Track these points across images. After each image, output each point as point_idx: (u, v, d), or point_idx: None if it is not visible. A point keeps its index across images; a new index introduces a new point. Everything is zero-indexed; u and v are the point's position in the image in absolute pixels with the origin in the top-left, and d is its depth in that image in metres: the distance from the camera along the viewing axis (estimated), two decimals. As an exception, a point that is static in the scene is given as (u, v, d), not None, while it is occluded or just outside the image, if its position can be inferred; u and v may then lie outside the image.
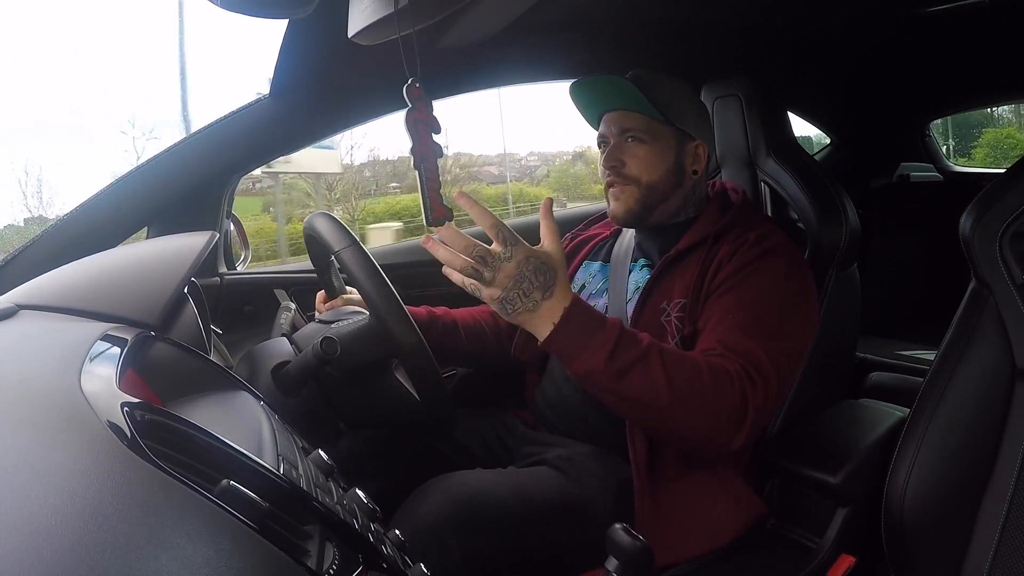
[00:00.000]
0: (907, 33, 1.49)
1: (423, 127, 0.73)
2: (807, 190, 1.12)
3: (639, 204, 1.00)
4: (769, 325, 0.84)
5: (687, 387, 0.76)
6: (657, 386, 0.75)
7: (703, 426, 0.77)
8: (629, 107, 1.00)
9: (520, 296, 0.74)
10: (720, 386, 0.77)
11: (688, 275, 0.94)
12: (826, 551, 0.92)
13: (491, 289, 0.73)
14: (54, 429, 0.34)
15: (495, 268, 0.73)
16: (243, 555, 0.30)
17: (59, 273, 0.71)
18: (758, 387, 0.79)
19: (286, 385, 0.82)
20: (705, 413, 0.76)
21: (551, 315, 0.75)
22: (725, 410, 0.77)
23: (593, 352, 0.75)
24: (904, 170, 2.18)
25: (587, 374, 0.76)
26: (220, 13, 0.66)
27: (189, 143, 1.12)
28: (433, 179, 0.74)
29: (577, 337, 0.76)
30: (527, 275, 0.74)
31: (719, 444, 0.78)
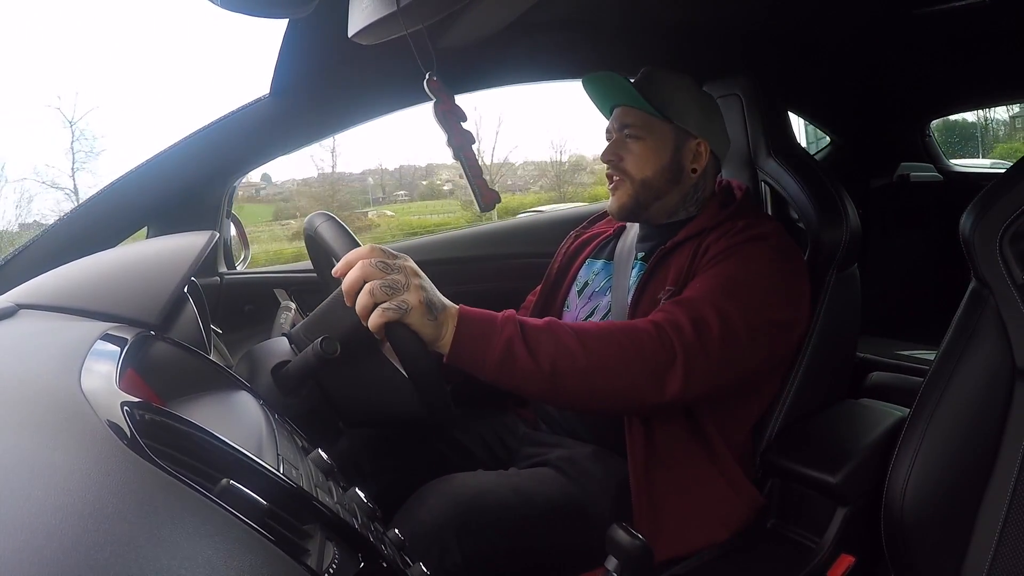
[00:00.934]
0: (907, 33, 1.49)
1: (451, 117, 0.73)
2: (807, 190, 1.12)
3: (632, 200, 1.01)
4: (730, 289, 0.85)
5: (599, 342, 0.76)
6: (571, 350, 0.75)
7: (628, 376, 0.77)
8: (629, 103, 1.01)
9: (433, 295, 0.73)
10: (634, 334, 0.78)
11: (680, 264, 0.95)
12: (826, 551, 0.92)
13: (410, 293, 0.70)
14: (54, 429, 0.34)
15: (400, 270, 0.71)
16: (243, 554, 0.30)
17: (59, 273, 0.71)
18: (685, 332, 0.79)
19: (286, 385, 0.81)
20: (625, 362, 0.76)
21: (452, 316, 0.74)
22: (646, 353, 0.77)
23: (501, 331, 0.74)
24: (904, 170, 2.18)
25: (504, 354, 0.74)
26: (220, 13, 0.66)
27: (189, 143, 1.12)
28: (474, 165, 0.74)
29: (481, 326, 0.74)
30: (433, 290, 0.73)
31: (651, 393, 0.78)
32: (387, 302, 0.69)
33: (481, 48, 1.10)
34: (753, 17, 1.30)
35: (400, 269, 0.71)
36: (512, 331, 0.74)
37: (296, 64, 1.07)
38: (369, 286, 0.69)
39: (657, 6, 1.21)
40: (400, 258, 0.73)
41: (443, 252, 1.49)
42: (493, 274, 1.47)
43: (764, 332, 0.86)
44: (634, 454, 0.90)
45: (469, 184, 0.74)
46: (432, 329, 0.72)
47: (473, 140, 0.74)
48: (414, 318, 0.70)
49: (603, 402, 0.79)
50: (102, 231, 1.07)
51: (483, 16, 0.98)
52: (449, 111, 0.73)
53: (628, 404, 0.82)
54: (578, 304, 1.08)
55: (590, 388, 0.76)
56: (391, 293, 0.69)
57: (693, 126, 1.01)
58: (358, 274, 0.70)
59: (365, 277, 0.70)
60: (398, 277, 0.70)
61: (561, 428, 1.04)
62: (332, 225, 0.89)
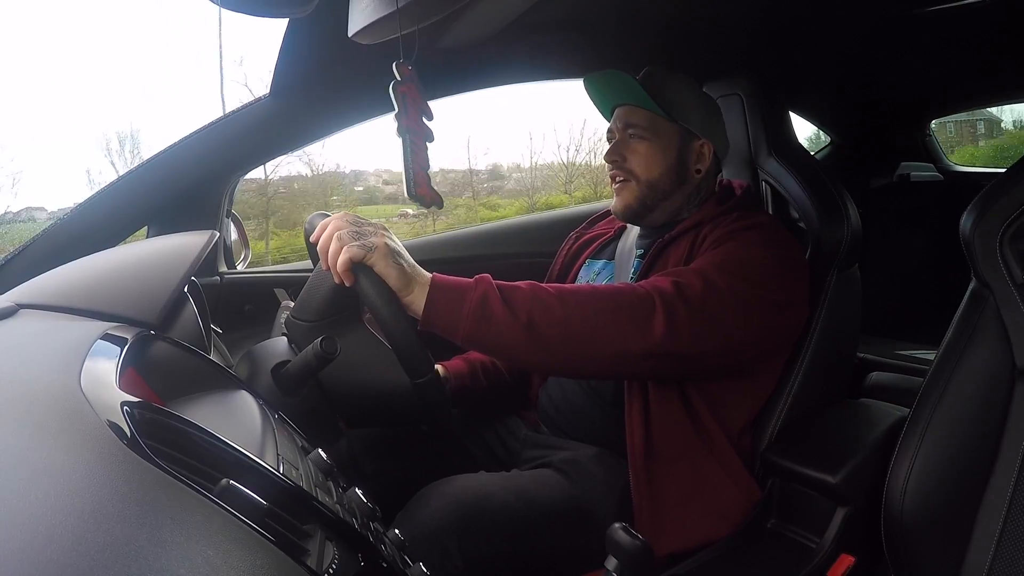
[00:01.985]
0: (908, 32, 1.49)
1: (412, 103, 0.73)
2: (808, 190, 1.12)
3: (638, 201, 1.01)
4: (718, 264, 0.85)
5: (576, 296, 0.77)
6: (548, 303, 0.75)
7: (608, 323, 0.76)
8: (633, 102, 1.01)
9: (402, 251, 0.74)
10: (612, 289, 0.79)
11: (678, 256, 0.95)
12: (826, 551, 0.92)
13: (376, 237, 0.72)
14: (54, 428, 0.34)
15: (370, 224, 0.74)
16: (243, 554, 0.30)
17: (59, 272, 0.71)
18: (666, 289, 0.79)
19: (286, 384, 0.81)
20: (605, 311, 0.77)
21: (423, 283, 0.75)
22: (624, 303, 0.78)
23: (476, 288, 0.75)
24: (904, 170, 2.18)
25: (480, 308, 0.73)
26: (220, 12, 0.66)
27: (189, 143, 1.12)
28: (421, 155, 0.73)
29: (454, 288, 0.75)
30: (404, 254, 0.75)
31: (634, 337, 0.77)
32: (353, 243, 0.71)
33: (481, 48, 1.10)
34: (754, 17, 1.30)
35: (370, 224, 0.74)
36: (487, 286, 0.75)
37: (296, 64, 1.07)
38: (337, 233, 0.72)
39: (657, 6, 1.20)
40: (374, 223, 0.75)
41: (443, 252, 1.49)
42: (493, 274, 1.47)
43: (752, 304, 0.84)
44: (633, 449, 0.90)
45: (404, 169, 0.73)
46: (398, 273, 0.72)
47: (431, 138, 0.74)
48: (378, 258, 0.71)
49: (586, 353, 0.77)
50: (102, 231, 1.07)
51: (483, 16, 0.98)
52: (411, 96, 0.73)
53: (613, 354, 0.78)
54: None
55: (569, 339, 0.75)
56: (357, 237, 0.72)
57: (697, 126, 1.01)
58: (329, 230, 0.73)
59: (335, 229, 0.73)
60: (367, 228, 0.74)
61: (562, 430, 1.04)
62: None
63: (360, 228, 0.74)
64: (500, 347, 0.76)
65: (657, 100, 0.98)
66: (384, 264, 0.72)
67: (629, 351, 0.77)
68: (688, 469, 0.90)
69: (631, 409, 0.91)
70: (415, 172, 0.73)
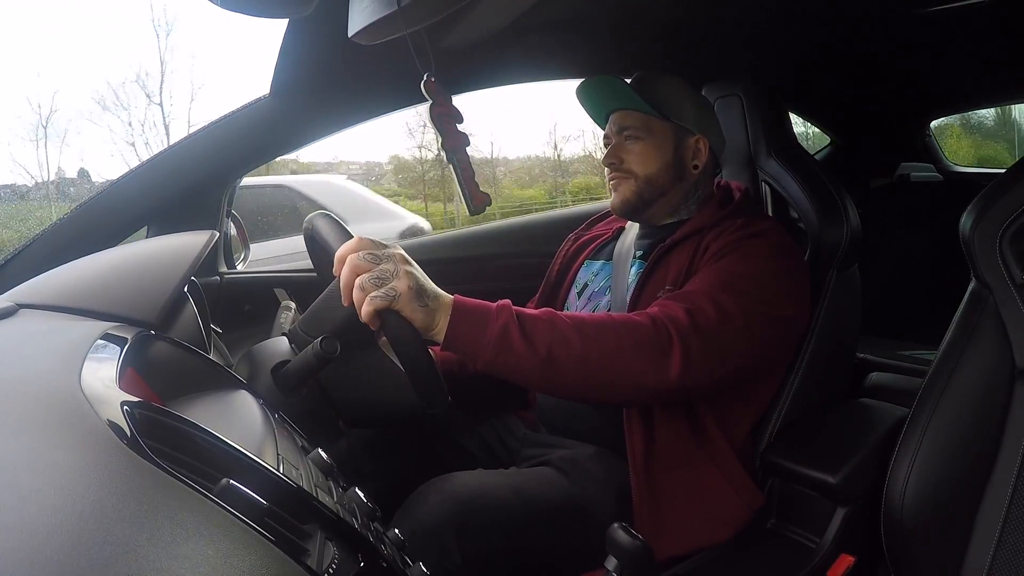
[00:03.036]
0: (907, 33, 1.49)
1: (447, 120, 0.73)
2: (808, 190, 1.12)
3: (636, 196, 1.01)
4: (728, 284, 0.85)
5: (595, 329, 0.76)
6: (567, 337, 0.74)
7: (626, 360, 0.76)
8: (626, 106, 1.02)
9: (424, 283, 0.71)
10: (630, 322, 0.78)
11: (680, 262, 0.95)
12: (826, 551, 0.92)
13: (398, 280, 0.69)
14: (54, 428, 0.34)
15: (388, 258, 0.70)
16: (243, 554, 0.30)
17: (59, 272, 0.71)
18: (680, 320, 0.79)
19: (286, 384, 0.81)
20: (622, 347, 0.76)
21: (446, 306, 0.73)
22: (642, 339, 0.77)
23: (497, 318, 0.73)
24: (904, 170, 2.18)
25: (500, 340, 0.73)
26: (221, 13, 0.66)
27: (189, 143, 1.12)
28: (467, 168, 0.73)
29: (476, 313, 0.74)
30: (424, 279, 0.72)
31: (650, 374, 0.77)
32: (375, 291, 0.69)
33: (481, 49, 1.10)
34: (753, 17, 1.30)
35: (389, 258, 0.71)
36: (507, 318, 0.74)
37: (296, 64, 1.07)
38: (358, 280, 0.69)
39: (657, 7, 1.20)
40: (389, 247, 0.72)
41: (443, 252, 1.49)
42: (493, 274, 1.47)
43: (761, 325, 0.85)
44: (634, 454, 0.90)
45: (459, 187, 0.73)
46: (423, 315, 0.71)
47: (468, 142, 0.74)
48: (403, 304, 0.69)
49: (602, 389, 0.78)
50: (102, 231, 1.07)
51: (483, 16, 0.98)
52: (445, 113, 0.73)
53: (628, 390, 0.79)
54: (578, 305, 1.09)
55: (587, 373, 0.76)
56: (380, 283, 0.69)
57: (691, 123, 1.02)
58: (349, 270, 0.70)
59: (355, 272, 0.70)
60: (387, 267, 0.70)
61: (561, 430, 1.04)
62: (332, 224, 0.89)
63: (380, 268, 0.70)
64: (518, 377, 0.76)
65: (649, 101, 1.00)
66: (410, 309, 0.70)
67: (645, 387, 0.78)
68: (689, 475, 0.90)
69: (631, 414, 0.91)
70: (468, 187, 0.73)
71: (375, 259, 0.70)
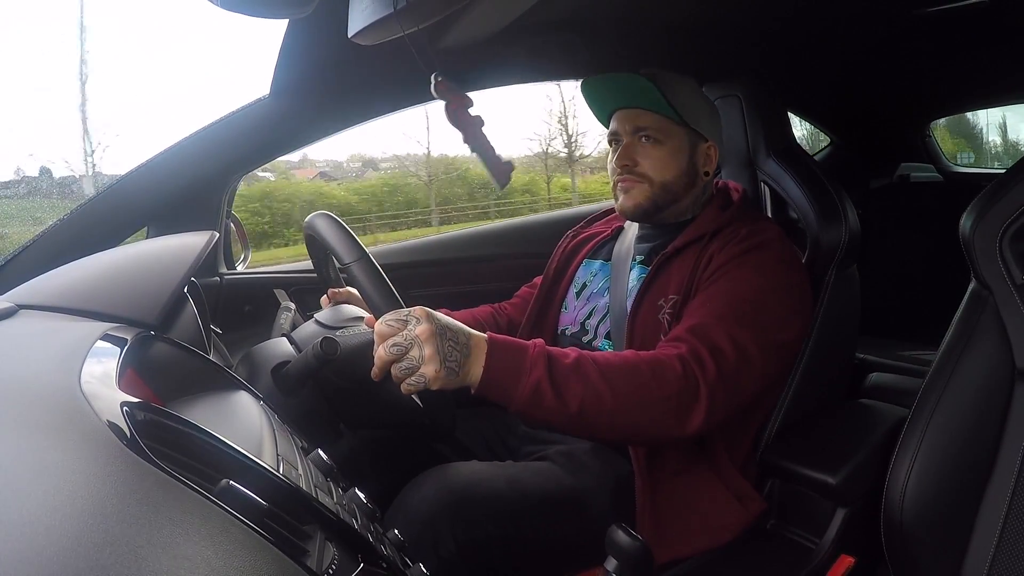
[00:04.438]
0: (907, 33, 1.49)
1: (463, 114, 0.74)
2: (807, 190, 1.12)
3: (650, 201, 1.00)
4: (743, 313, 0.85)
5: (626, 383, 0.76)
6: (599, 391, 0.75)
7: (653, 415, 0.77)
8: (645, 105, 0.99)
9: (453, 347, 0.72)
10: (660, 372, 0.77)
11: (683, 271, 0.94)
12: (826, 551, 0.92)
13: (426, 366, 0.70)
14: (54, 429, 0.34)
15: (413, 342, 0.70)
16: (243, 555, 0.30)
17: (59, 273, 0.71)
18: (708, 366, 0.79)
19: (286, 385, 0.81)
20: (651, 402, 0.76)
21: (479, 351, 0.73)
22: (670, 391, 0.77)
23: (530, 372, 0.73)
24: (904, 170, 2.18)
25: (532, 395, 0.73)
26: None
27: (189, 143, 1.12)
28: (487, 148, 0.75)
29: (510, 361, 0.74)
30: (440, 323, 0.72)
31: (674, 428, 0.78)
32: (408, 379, 0.71)
33: (481, 49, 1.10)
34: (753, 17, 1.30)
35: (413, 341, 0.70)
36: (540, 373, 0.74)
37: (296, 64, 1.07)
38: (392, 371, 0.71)
39: (657, 7, 1.21)
40: (411, 322, 0.71)
41: (443, 252, 1.49)
42: (491, 274, 1.47)
43: (776, 353, 0.87)
44: (638, 458, 0.90)
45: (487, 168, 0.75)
46: (457, 382, 0.72)
47: (482, 122, 0.75)
48: (436, 386, 0.71)
49: (627, 438, 0.82)
50: (102, 231, 1.07)
51: (483, 17, 0.98)
52: (459, 108, 0.73)
53: (650, 438, 0.83)
54: (576, 305, 1.08)
55: (615, 426, 0.77)
56: (409, 372, 0.71)
57: (705, 129, 1.01)
58: (381, 363, 0.72)
59: (388, 363, 0.71)
60: (413, 354, 0.70)
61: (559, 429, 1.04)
62: (332, 225, 0.89)
63: (408, 360, 0.70)
64: (549, 425, 0.78)
65: (669, 103, 0.97)
66: (443, 384, 0.71)
67: (668, 437, 0.81)
68: (691, 482, 0.90)
69: None
70: (496, 169, 0.75)
71: (401, 348, 0.70)
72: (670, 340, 0.84)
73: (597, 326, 1.03)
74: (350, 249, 0.85)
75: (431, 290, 1.38)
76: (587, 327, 1.05)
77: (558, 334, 1.09)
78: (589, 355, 0.77)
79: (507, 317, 1.19)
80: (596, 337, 1.03)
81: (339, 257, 0.86)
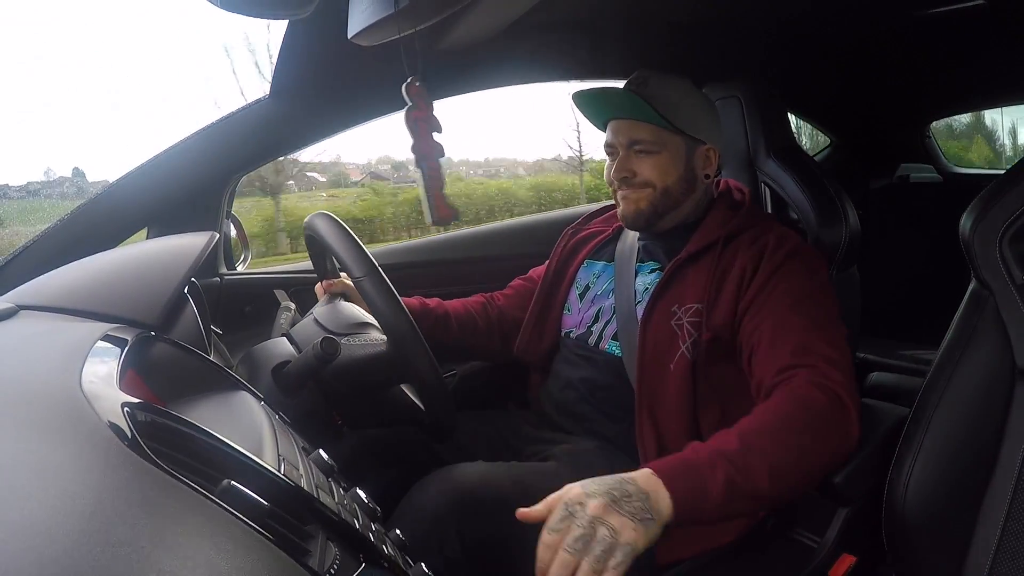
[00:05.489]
0: (907, 34, 1.49)
1: (423, 125, 0.72)
2: (807, 191, 1.12)
3: (650, 207, 0.99)
4: (819, 318, 0.86)
5: (789, 434, 0.74)
6: (778, 456, 0.72)
7: (827, 446, 0.77)
8: (635, 116, 0.98)
9: (629, 500, 0.63)
10: (807, 406, 0.77)
11: (701, 279, 0.93)
12: (827, 550, 0.92)
13: (625, 533, 0.60)
14: (54, 429, 0.34)
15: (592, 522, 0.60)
16: (244, 555, 0.30)
17: (59, 273, 0.71)
18: (834, 376, 0.80)
19: (286, 385, 0.81)
20: (820, 437, 0.76)
21: (656, 485, 0.66)
22: (826, 419, 0.77)
23: (714, 474, 0.69)
24: (904, 171, 2.18)
25: (728, 494, 0.68)
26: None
27: (189, 143, 1.12)
28: (436, 178, 0.72)
29: (690, 475, 0.68)
30: (609, 484, 0.64)
31: (845, 444, 0.79)
32: (614, 562, 0.59)
33: (482, 49, 1.10)
34: (753, 18, 1.31)
35: (593, 523, 0.60)
36: (723, 470, 0.69)
37: (296, 64, 1.07)
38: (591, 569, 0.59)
39: (657, 7, 1.21)
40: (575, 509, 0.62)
41: (443, 253, 1.49)
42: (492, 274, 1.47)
43: (849, 344, 0.88)
44: (645, 459, 0.89)
45: (424, 196, 0.72)
46: (657, 528, 0.64)
47: (442, 153, 0.72)
48: (645, 544, 0.62)
49: (816, 477, 0.78)
50: (102, 232, 1.07)
51: (484, 17, 0.98)
52: (423, 119, 0.72)
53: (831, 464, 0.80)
54: (580, 308, 1.08)
55: (804, 474, 0.75)
56: (609, 553, 0.59)
57: (702, 132, 1.00)
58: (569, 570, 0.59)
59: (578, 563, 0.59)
60: (602, 534, 0.60)
61: (564, 427, 1.04)
62: (332, 226, 0.89)
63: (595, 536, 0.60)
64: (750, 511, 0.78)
65: (661, 111, 0.95)
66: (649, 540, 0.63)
67: (844, 455, 0.80)
68: None
69: (641, 420, 0.92)
70: (434, 197, 0.72)
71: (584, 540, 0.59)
72: (780, 371, 0.82)
73: (603, 329, 1.03)
74: (359, 264, 0.85)
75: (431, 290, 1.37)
76: (593, 330, 1.04)
77: (562, 336, 1.09)
78: (745, 429, 0.74)
79: (497, 308, 1.18)
80: (602, 340, 1.02)
81: (349, 271, 0.86)
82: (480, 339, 1.15)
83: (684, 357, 0.91)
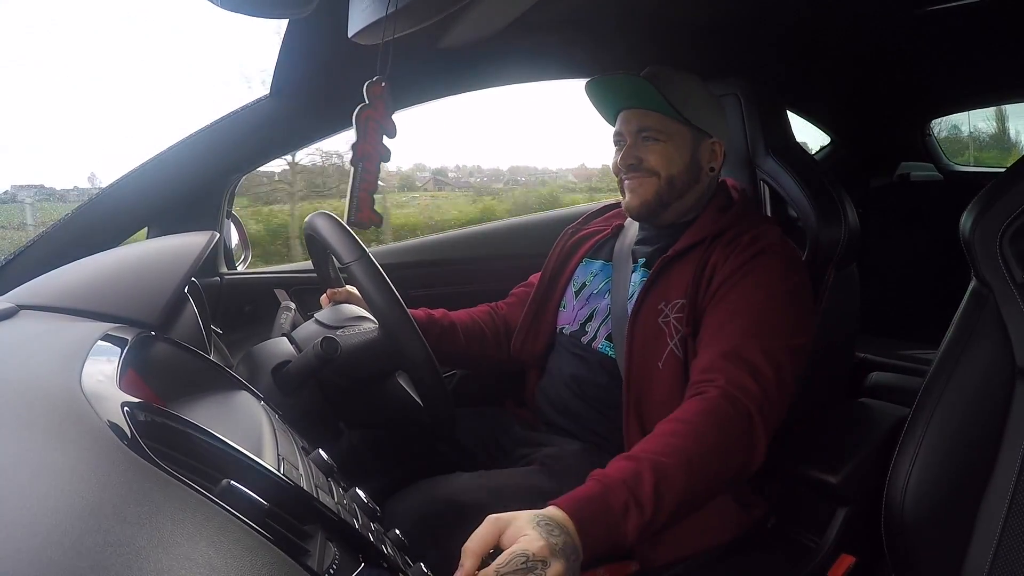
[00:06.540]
0: (907, 32, 1.49)
1: (373, 125, 0.72)
2: (806, 189, 1.12)
3: (656, 197, 0.99)
4: (766, 325, 0.85)
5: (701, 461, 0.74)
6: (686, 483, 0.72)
7: (728, 463, 0.77)
8: (645, 105, 0.99)
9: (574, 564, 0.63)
10: (717, 420, 0.77)
11: (685, 275, 0.94)
12: (826, 550, 0.92)
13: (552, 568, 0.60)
14: (55, 429, 0.34)
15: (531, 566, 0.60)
16: (244, 554, 0.30)
17: (59, 273, 0.72)
18: (752, 390, 0.79)
19: (286, 385, 0.82)
20: (724, 452, 0.76)
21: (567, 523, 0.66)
22: (732, 433, 0.77)
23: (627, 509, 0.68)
24: (904, 169, 2.18)
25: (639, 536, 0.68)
26: (220, 13, 0.66)
27: (189, 143, 1.12)
28: (369, 180, 0.73)
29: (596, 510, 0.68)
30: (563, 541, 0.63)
31: (748, 464, 0.79)
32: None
33: (481, 48, 1.10)
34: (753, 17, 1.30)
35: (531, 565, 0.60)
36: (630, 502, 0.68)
37: (296, 64, 1.07)
38: None
39: (657, 6, 1.20)
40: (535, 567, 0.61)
41: (441, 253, 1.49)
42: (491, 274, 1.47)
43: (799, 358, 0.87)
44: None
45: (349, 194, 0.72)
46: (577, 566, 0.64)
47: (387, 158, 0.73)
48: None
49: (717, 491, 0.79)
50: (102, 231, 1.07)
51: (484, 16, 0.98)
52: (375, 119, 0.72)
53: (732, 479, 0.80)
54: (575, 305, 1.08)
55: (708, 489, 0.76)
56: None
57: (709, 126, 1.01)
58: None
59: None
60: None
61: (557, 426, 1.04)
62: (332, 225, 0.89)
63: None
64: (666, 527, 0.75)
65: (670, 102, 0.97)
66: None
67: (745, 473, 0.80)
68: None
69: (629, 421, 0.92)
70: (360, 198, 0.72)
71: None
72: (703, 372, 0.83)
73: (598, 328, 1.03)
74: (350, 249, 0.85)
75: (431, 290, 1.38)
76: (587, 328, 1.04)
77: (556, 332, 1.09)
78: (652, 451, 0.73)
79: (503, 317, 1.19)
80: (596, 339, 1.02)
81: (339, 256, 0.86)
82: (487, 349, 1.15)
83: (673, 354, 0.91)
